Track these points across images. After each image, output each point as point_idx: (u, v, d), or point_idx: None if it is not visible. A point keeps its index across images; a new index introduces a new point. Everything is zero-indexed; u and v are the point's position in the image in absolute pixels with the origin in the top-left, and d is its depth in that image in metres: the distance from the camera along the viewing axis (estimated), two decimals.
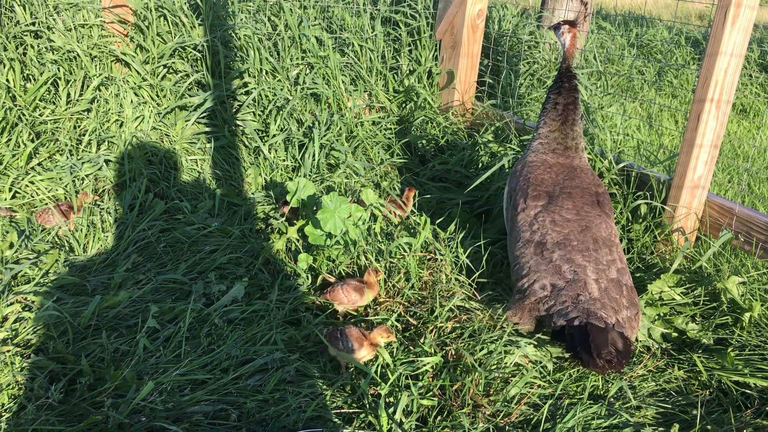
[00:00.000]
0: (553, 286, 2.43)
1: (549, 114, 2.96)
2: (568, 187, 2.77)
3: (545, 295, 2.42)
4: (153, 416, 2.06)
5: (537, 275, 2.48)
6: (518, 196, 2.81)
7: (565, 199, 2.71)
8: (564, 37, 3.02)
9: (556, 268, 2.48)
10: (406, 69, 4.82)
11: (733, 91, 3.00)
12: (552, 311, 2.37)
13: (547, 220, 2.65)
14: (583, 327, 2.27)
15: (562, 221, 2.63)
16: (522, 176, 2.88)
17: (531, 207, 2.73)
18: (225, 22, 4.34)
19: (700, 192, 3.15)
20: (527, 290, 2.48)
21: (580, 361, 2.23)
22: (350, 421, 2.17)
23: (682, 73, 7.21)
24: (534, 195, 2.76)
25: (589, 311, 2.30)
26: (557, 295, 2.40)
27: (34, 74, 3.78)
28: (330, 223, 2.91)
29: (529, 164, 2.91)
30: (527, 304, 2.44)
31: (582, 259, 2.49)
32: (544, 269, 2.50)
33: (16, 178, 3.48)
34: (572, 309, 2.33)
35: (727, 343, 2.63)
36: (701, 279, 2.93)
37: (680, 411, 2.30)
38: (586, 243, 2.55)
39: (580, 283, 2.40)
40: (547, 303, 2.40)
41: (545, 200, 2.73)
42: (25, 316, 2.47)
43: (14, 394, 2.11)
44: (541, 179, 2.82)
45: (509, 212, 2.87)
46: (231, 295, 2.73)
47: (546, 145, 2.95)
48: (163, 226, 3.31)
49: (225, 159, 4.05)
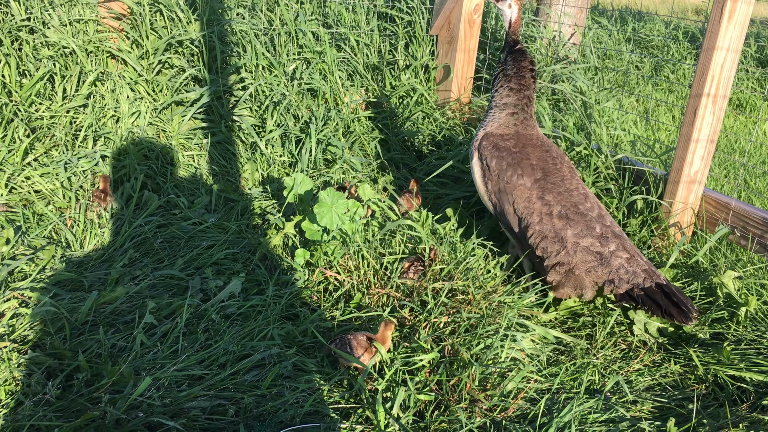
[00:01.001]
0: (600, 255, 2.65)
1: (505, 85, 3.04)
2: (549, 156, 2.96)
3: (595, 263, 2.65)
4: (150, 411, 2.06)
5: (578, 246, 2.68)
6: (509, 172, 2.90)
7: (557, 170, 2.91)
8: (512, 9, 3.07)
9: (596, 236, 2.69)
10: (403, 64, 4.82)
11: (730, 86, 3.01)
12: (612, 277, 2.60)
13: (554, 192, 2.82)
14: (658, 287, 2.55)
15: (566, 191, 2.82)
16: (501, 149, 2.97)
17: (530, 180, 2.86)
18: (221, 17, 4.33)
19: (696, 187, 3.16)
20: (572, 261, 2.67)
21: (672, 317, 2.49)
22: (348, 416, 2.17)
23: (679, 68, 7.22)
24: (528, 169, 2.88)
25: (650, 272, 2.60)
26: (608, 262, 2.63)
27: (29, 70, 3.76)
28: (327, 218, 2.91)
29: (504, 137, 3.02)
30: (578, 274, 2.65)
31: (601, 226, 2.73)
32: (584, 238, 2.69)
33: (12, 173, 3.47)
34: (634, 272, 2.59)
35: (723, 337, 2.64)
36: (697, 274, 2.94)
37: (676, 405, 2.31)
38: (595, 208, 2.80)
39: (623, 250, 2.66)
40: (600, 270, 2.64)
41: (540, 173, 2.88)
42: (22, 312, 2.46)
43: (11, 390, 2.11)
44: (526, 153, 2.94)
45: (496, 186, 2.95)
46: (228, 290, 2.73)
47: (512, 116, 3.05)
48: (160, 222, 3.31)
49: (222, 154, 4.05)
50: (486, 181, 3.00)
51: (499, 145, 2.99)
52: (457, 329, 2.46)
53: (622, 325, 2.76)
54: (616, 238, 2.70)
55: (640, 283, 2.58)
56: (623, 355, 2.61)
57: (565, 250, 2.69)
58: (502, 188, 2.91)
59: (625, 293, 2.60)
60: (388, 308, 2.60)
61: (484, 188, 3.03)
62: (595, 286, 2.66)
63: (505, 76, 3.05)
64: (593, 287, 2.66)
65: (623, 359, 2.57)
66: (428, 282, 2.71)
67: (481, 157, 3.02)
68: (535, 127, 3.11)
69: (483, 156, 3.01)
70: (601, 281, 2.64)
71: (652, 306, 2.54)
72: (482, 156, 3.02)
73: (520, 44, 3.05)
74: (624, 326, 2.76)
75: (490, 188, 2.97)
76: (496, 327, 2.46)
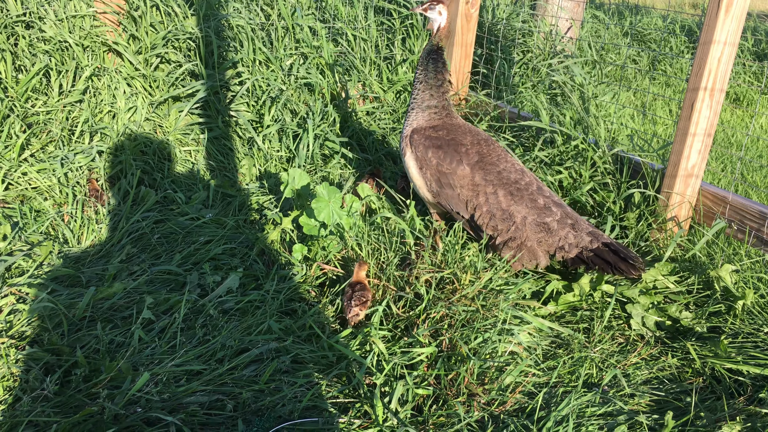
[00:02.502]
0: (547, 225, 2.83)
1: (427, 90, 3.16)
2: (481, 140, 3.11)
3: (544, 234, 2.82)
4: (149, 407, 2.06)
5: (526, 220, 2.85)
6: (447, 159, 3.02)
7: (491, 151, 3.07)
8: (441, 16, 3.17)
9: (540, 208, 2.86)
10: (400, 58, 4.81)
11: (727, 79, 3.01)
12: (562, 243, 2.79)
13: (493, 172, 2.97)
14: (605, 246, 2.75)
15: (504, 170, 2.99)
16: (435, 139, 3.08)
17: (469, 164, 2.99)
18: (218, 11, 4.32)
19: (693, 181, 3.16)
20: (523, 235, 2.84)
21: (622, 271, 2.68)
22: (346, 410, 2.17)
23: (676, 62, 7.22)
24: (465, 154, 3.02)
25: (594, 233, 2.80)
26: (555, 231, 2.81)
27: (25, 65, 3.75)
28: (324, 213, 2.91)
29: (434, 128, 3.13)
30: (530, 246, 2.84)
31: (543, 198, 2.91)
32: (530, 211, 2.86)
33: (9, 169, 3.46)
34: (581, 237, 2.79)
35: (720, 330, 2.65)
36: (695, 267, 2.95)
37: (674, 398, 2.32)
38: (534, 182, 2.99)
39: (566, 218, 2.84)
40: (550, 239, 2.82)
41: (477, 156, 3.03)
42: (19, 308, 2.46)
43: (9, 386, 2.11)
44: (459, 139, 3.08)
45: (436, 175, 3.05)
46: (226, 285, 2.73)
47: (435, 114, 3.17)
48: (157, 218, 3.30)
49: (219, 150, 4.04)
50: (424, 172, 3.09)
51: (431, 135, 3.11)
52: (454, 323, 2.46)
53: (620, 319, 2.77)
54: (558, 207, 2.89)
55: (588, 245, 2.77)
56: (621, 348, 2.61)
57: (514, 226, 2.87)
58: (444, 176, 3.03)
59: (575, 257, 2.79)
60: (384, 301, 2.61)
61: (422, 180, 3.12)
62: (548, 254, 2.85)
63: (427, 82, 3.17)
64: (546, 255, 2.85)
65: (621, 353, 2.58)
66: (421, 273, 2.71)
67: (415, 150, 3.13)
68: (459, 118, 3.25)
69: (417, 149, 3.12)
70: (552, 249, 2.83)
71: (602, 264, 2.73)
72: (416, 149, 3.12)
73: (442, 50, 3.16)
74: (622, 320, 2.76)
75: (429, 177, 3.08)
76: (493, 320, 2.46)
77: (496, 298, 2.59)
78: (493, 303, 2.57)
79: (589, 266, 2.76)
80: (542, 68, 5.26)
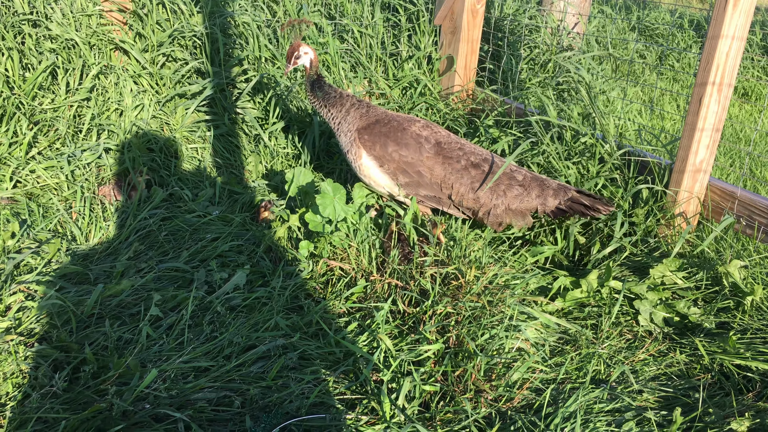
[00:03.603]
0: (522, 186, 3.11)
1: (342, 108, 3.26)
2: (424, 123, 3.27)
3: (523, 193, 3.09)
4: (157, 403, 2.07)
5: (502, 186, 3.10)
6: (410, 148, 3.14)
7: (438, 131, 3.24)
8: (308, 55, 3.24)
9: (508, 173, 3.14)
10: (406, 55, 4.80)
11: (735, 74, 2.99)
12: (540, 200, 3.09)
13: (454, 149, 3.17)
14: (579, 193, 3.08)
15: (459, 148, 3.19)
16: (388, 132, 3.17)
17: (432, 149, 3.14)
18: (224, 9, 4.32)
19: (701, 176, 3.15)
20: (506, 201, 3.10)
21: (597, 211, 3.03)
22: (353, 406, 2.18)
23: (684, 56, 7.18)
24: (423, 139, 3.16)
25: (562, 186, 3.12)
26: (529, 190, 3.10)
27: (32, 63, 3.76)
28: (329, 209, 2.91)
29: (379, 123, 3.21)
30: (515, 207, 3.11)
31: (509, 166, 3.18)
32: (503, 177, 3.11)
33: (17, 167, 3.48)
34: (553, 191, 3.09)
35: (728, 326, 2.64)
36: (703, 263, 2.93)
37: (682, 395, 2.31)
38: (488, 153, 3.26)
39: (534, 179, 3.13)
40: (528, 198, 3.10)
41: (434, 140, 3.19)
42: (28, 306, 2.47)
43: (18, 383, 2.12)
44: (408, 127, 3.20)
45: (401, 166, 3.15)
46: (233, 282, 2.73)
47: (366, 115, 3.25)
48: (165, 215, 3.31)
49: (225, 147, 4.05)
50: (387, 167, 3.16)
51: (382, 131, 3.18)
52: (461, 320, 2.46)
53: (628, 315, 2.76)
54: (520, 169, 3.18)
55: (563, 196, 3.08)
56: (628, 345, 2.61)
57: (495, 194, 3.09)
58: (410, 165, 3.13)
59: (555, 209, 3.09)
60: (390, 298, 2.61)
61: (386, 176, 3.18)
62: (530, 212, 3.13)
63: (335, 105, 3.27)
64: (529, 213, 3.13)
65: (629, 349, 2.57)
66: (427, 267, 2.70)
67: (371, 149, 3.17)
68: (382, 108, 3.39)
69: (372, 147, 3.16)
70: (533, 207, 3.10)
71: (580, 208, 3.05)
72: (371, 148, 3.17)
73: (321, 77, 3.29)
74: (629, 316, 2.76)
75: (393, 169, 3.14)
76: (500, 317, 2.46)
77: (503, 294, 2.58)
78: (499, 299, 2.56)
79: (568, 213, 3.07)
80: (549, 64, 5.24)
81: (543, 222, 3.29)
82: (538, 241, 3.26)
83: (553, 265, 3.15)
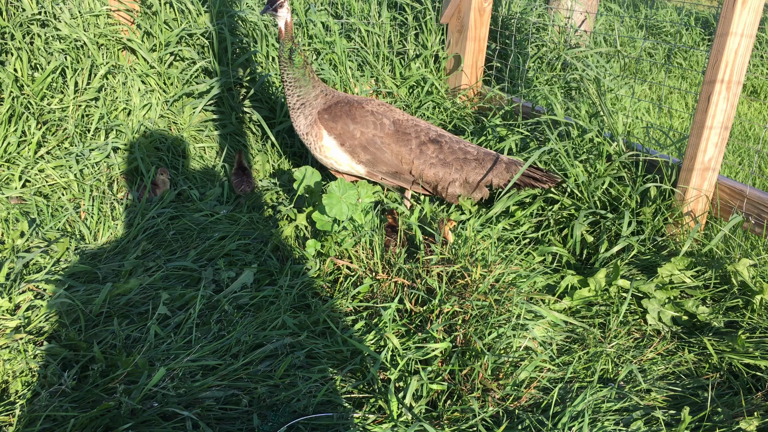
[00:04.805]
0: (477, 160, 3.35)
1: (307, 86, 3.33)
2: (380, 103, 3.44)
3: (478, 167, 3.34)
4: (165, 402, 2.08)
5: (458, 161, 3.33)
6: (370, 126, 3.30)
7: (392, 110, 3.42)
8: (288, 13, 3.23)
9: (462, 148, 3.38)
10: (413, 53, 4.79)
11: (744, 72, 2.97)
12: (494, 173, 3.34)
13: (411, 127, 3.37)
14: (532, 168, 3.31)
15: (415, 125, 3.40)
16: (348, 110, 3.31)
17: (391, 126, 3.31)
18: (231, 8, 4.32)
19: (710, 174, 3.13)
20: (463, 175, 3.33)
21: (545, 183, 3.28)
22: (360, 405, 2.18)
23: (692, 54, 7.14)
24: (380, 116, 3.33)
25: (512, 161, 3.37)
26: (483, 164, 3.35)
27: (41, 63, 3.78)
28: (336, 209, 2.91)
29: (338, 104, 3.33)
30: (471, 181, 3.34)
31: (457, 140, 3.44)
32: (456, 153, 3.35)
33: (26, 166, 3.49)
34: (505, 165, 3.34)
35: (737, 325, 2.63)
36: (711, 262, 2.92)
37: (691, 394, 2.30)
38: (442, 129, 3.51)
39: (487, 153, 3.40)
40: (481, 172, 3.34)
41: (390, 118, 3.36)
42: (37, 304, 2.49)
43: (28, 381, 2.13)
44: (364, 105, 3.35)
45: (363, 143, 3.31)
46: (240, 281, 2.74)
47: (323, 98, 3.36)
48: (172, 214, 3.32)
49: (232, 146, 4.05)
50: (349, 144, 3.30)
51: (342, 110, 3.31)
52: (468, 318, 2.46)
53: (636, 314, 2.75)
54: (476, 147, 3.42)
55: (512, 170, 3.32)
56: (637, 344, 2.60)
57: (453, 168, 3.32)
58: (371, 143, 3.30)
59: (509, 182, 3.29)
60: (397, 297, 2.61)
61: (348, 154, 3.33)
62: (485, 185, 3.35)
63: (306, 86, 3.32)
64: (485, 186, 3.36)
65: (637, 348, 2.56)
66: (433, 265, 2.70)
67: (332, 129, 3.30)
68: (340, 91, 3.55)
69: (334, 127, 3.29)
70: (488, 180, 3.34)
71: (530, 181, 3.29)
72: (332, 128, 3.30)
73: (298, 46, 3.32)
74: (638, 315, 2.75)
75: (356, 145, 3.29)
76: (507, 315, 2.45)
77: (510, 292, 2.58)
78: (506, 297, 2.56)
79: (521, 186, 3.30)
80: (557, 62, 5.23)
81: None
82: (545, 240, 3.25)
83: (560, 263, 3.14)
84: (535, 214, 3.33)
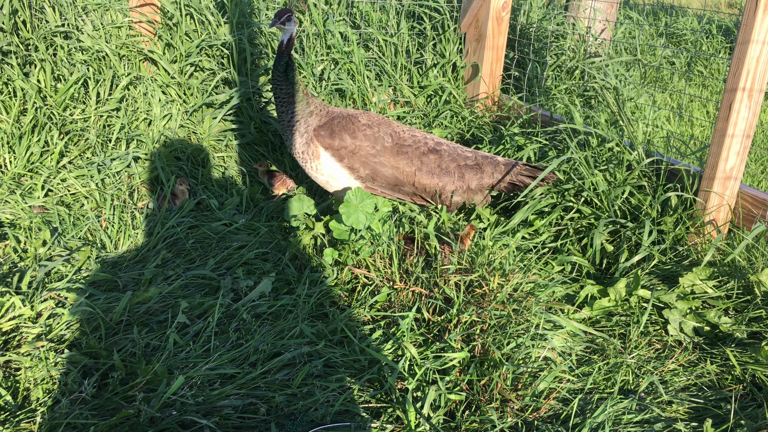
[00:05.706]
0: (477, 165, 3.37)
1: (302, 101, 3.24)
2: (375, 114, 3.41)
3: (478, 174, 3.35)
4: (184, 410, 2.09)
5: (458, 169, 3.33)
6: (371, 140, 3.25)
7: (389, 122, 3.40)
8: (289, 31, 3.16)
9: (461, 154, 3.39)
10: (431, 63, 4.80)
11: (766, 79, 2.94)
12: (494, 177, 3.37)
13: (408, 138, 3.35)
14: (523, 167, 3.38)
15: (412, 135, 3.37)
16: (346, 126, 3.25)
17: (390, 140, 3.28)
18: (250, 19, 4.36)
19: (732, 183, 3.09)
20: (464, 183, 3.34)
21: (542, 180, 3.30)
22: (378, 415, 2.17)
23: (713, 62, 7.07)
24: (377, 131, 3.28)
25: (508, 161, 3.41)
26: (482, 170, 3.36)
27: (64, 74, 3.84)
28: (353, 218, 2.92)
29: (334, 120, 3.27)
30: (474, 186, 3.36)
31: (453, 146, 3.45)
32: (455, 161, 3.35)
33: (48, 176, 3.54)
34: (502, 168, 3.38)
35: (761, 336, 2.58)
36: (734, 272, 2.88)
37: (713, 406, 2.27)
38: (438, 138, 3.47)
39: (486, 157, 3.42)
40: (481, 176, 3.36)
41: (389, 129, 3.33)
42: (58, 312, 2.51)
43: (49, 389, 2.16)
44: (358, 119, 3.30)
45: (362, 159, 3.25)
46: (259, 290, 2.75)
47: (317, 115, 3.28)
48: (192, 223, 3.35)
49: (251, 156, 4.08)
50: (348, 161, 3.23)
51: (340, 125, 3.25)
52: (486, 328, 2.45)
53: (657, 325, 2.72)
54: (473, 151, 3.43)
55: (511, 171, 3.35)
56: (658, 354, 2.57)
57: (455, 176, 3.32)
58: (371, 156, 3.24)
59: (509, 184, 3.36)
60: (414, 308, 2.60)
61: (346, 170, 3.26)
62: (486, 189, 3.37)
63: (301, 102, 3.23)
64: (486, 189, 3.37)
65: (658, 359, 2.53)
66: (451, 274, 2.69)
67: (329, 144, 3.23)
68: (334, 106, 3.53)
69: (331, 144, 3.22)
70: (487, 184, 3.36)
71: (529, 181, 3.31)
72: (329, 145, 3.23)
73: (294, 62, 3.22)
74: (659, 325, 2.71)
75: (355, 160, 3.23)
76: (526, 325, 2.44)
77: (528, 302, 2.56)
78: (525, 307, 2.54)
79: (520, 187, 3.33)
80: (576, 71, 5.21)
81: (568, 228, 3.27)
82: (564, 249, 3.23)
83: (579, 273, 3.11)
84: (554, 223, 3.31)
